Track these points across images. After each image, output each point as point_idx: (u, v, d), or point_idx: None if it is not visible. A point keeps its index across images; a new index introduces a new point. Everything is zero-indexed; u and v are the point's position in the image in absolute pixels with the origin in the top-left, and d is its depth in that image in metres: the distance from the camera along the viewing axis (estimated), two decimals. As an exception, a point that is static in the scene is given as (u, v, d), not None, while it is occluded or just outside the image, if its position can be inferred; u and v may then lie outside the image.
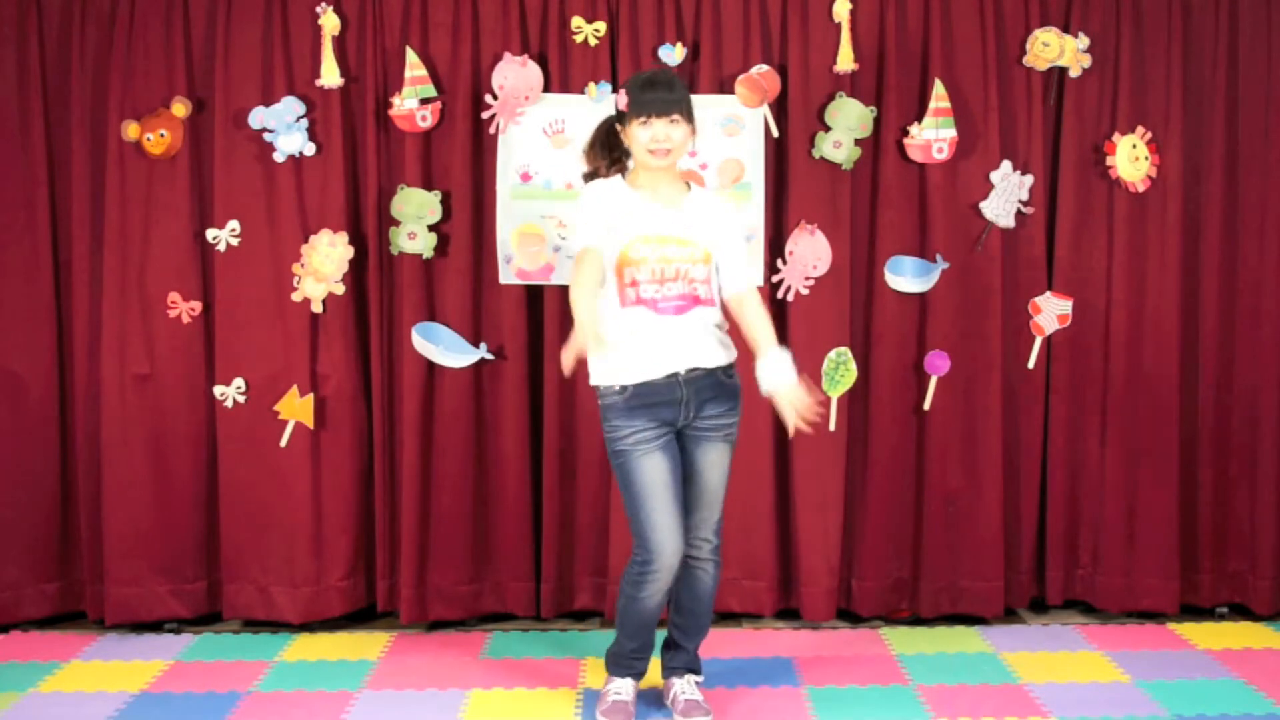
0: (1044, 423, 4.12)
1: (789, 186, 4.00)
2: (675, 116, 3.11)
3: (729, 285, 3.22)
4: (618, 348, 3.11)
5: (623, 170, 3.24)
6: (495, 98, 3.93)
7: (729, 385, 3.22)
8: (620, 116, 3.19)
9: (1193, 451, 4.14)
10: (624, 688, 3.33)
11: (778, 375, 3.12)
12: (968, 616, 4.12)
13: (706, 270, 3.16)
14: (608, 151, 3.26)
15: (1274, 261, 4.08)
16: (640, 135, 3.12)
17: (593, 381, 3.21)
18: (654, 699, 3.44)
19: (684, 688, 3.33)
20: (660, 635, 3.40)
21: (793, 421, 3.13)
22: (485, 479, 4.06)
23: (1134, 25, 4.02)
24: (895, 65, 3.98)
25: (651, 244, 3.12)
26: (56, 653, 3.85)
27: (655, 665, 3.45)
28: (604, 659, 3.41)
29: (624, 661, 3.34)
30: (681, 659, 3.37)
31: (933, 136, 3.94)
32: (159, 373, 3.99)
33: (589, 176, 3.29)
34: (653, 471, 3.12)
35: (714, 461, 3.23)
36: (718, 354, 3.19)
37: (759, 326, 3.20)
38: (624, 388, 3.14)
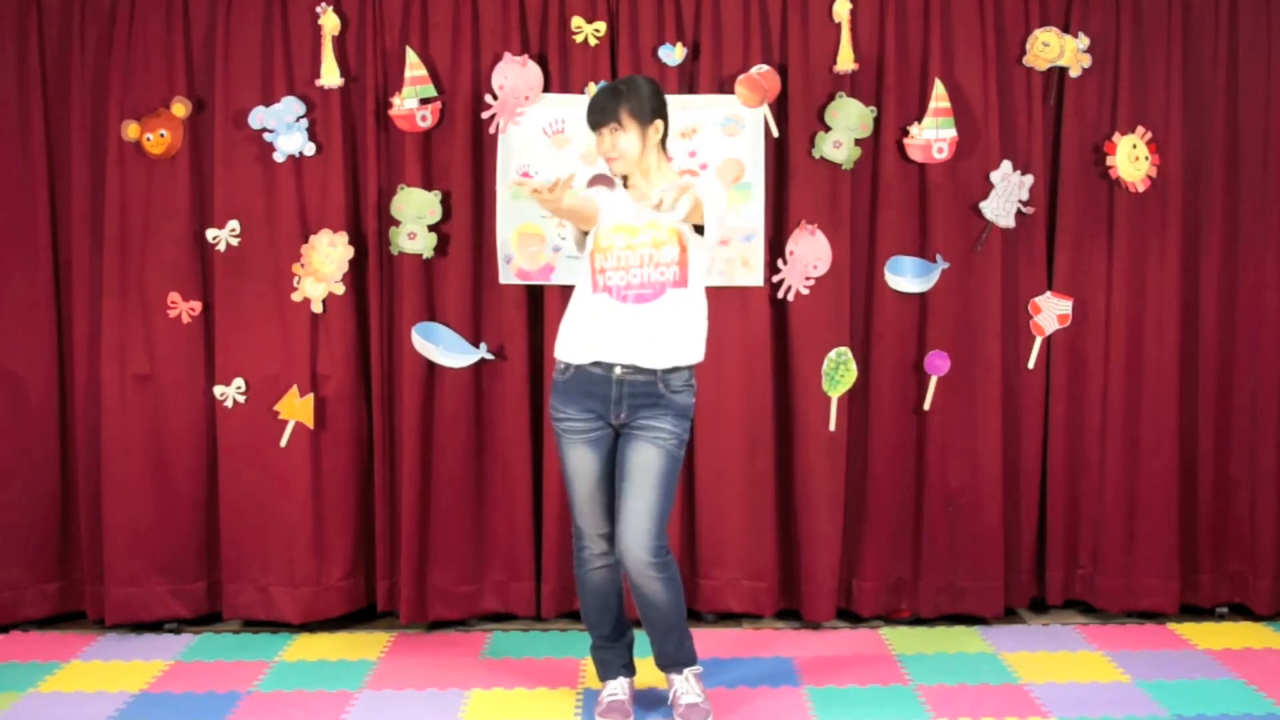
0: (1044, 423, 4.12)
1: (789, 186, 4.00)
2: (614, 125, 3.16)
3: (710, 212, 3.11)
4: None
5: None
6: (495, 98, 3.93)
7: (671, 399, 3.16)
8: None
9: (1193, 452, 4.14)
10: (619, 687, 3.34)
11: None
12: (968, 616, 4.12)
13: (676, 250, 3.15)
14: None
15: (1274, 261, 4.08)
16: (598, 145, 3.22)
17: (555, 352, 3.28)
18: (654, 698, 3.44)
19: (684, 687, 3.31)
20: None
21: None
22: (485, 479, 4.06)
23: (1134, 25, 4.02)
24: (895, 65, 3.98)
25: (621, 232, 3.16)
26: (56, 653, 3.85)
27: (653, 664, 3.46)
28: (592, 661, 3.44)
29: (597, 657, 3.37)
30: (668, 656, 3.34)
31: (933, 136, 3.94)
32: (159, 373, 3.99)
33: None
34: (576, 463, 3.23)
35: (637, 461, 3.13)
36: (667, 354, 3.14)
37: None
38: (566, 367, 3.22)
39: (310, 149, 3.93)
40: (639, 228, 3.16)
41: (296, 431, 3.98)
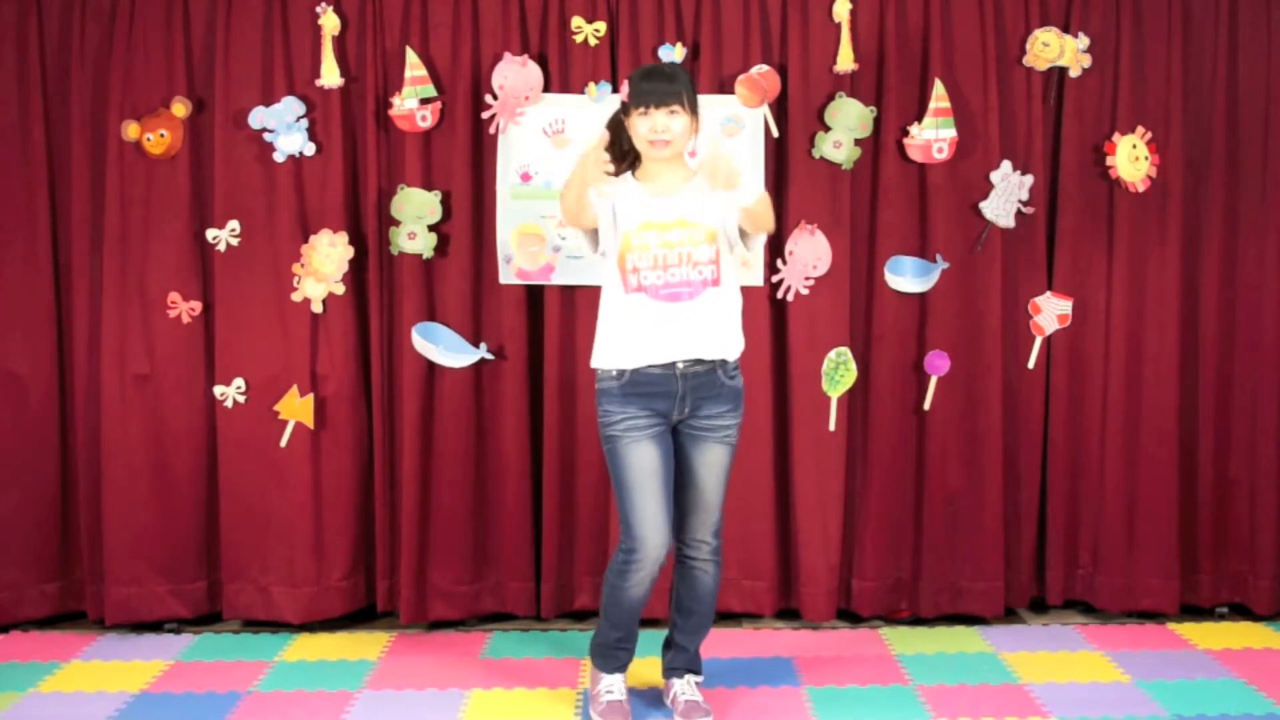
0: (1044, 423, 4.12)
1: (789, 186, 4.00)
2: (675, 107, 3.09)
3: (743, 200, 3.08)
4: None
5: (633, 168, 3.23)
6: (495, 98, 3.93)
7: (729, 386, 3.19)
8: (624, 108, 3.19)
9: (1193, 451, 4.14)
10: (615, 685, 3.32)
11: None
12: (968, 616, 4.12)
13: (713, 250, 3.12)
14: (619, 148, 3.21)
15: (1274, 261, 4.08)
16: (640, 126, 3.11)
17: (593, 364, 3.21)
18: (654, 698, 3.44)
19: (684, 688, 3.33)
20: (653, 634, 3.39)
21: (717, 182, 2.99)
22: (485, 479, 4.06)
23: (1134, 25, 4.02)
24: (895, 65, 3.98)
25: (654, 230, 3.10)
26: (56, 653, 3.85)
27: (654, 665, 3.46)
28: (589, 652, 3.39)
29: (609, 652, 3.32)
30: (682, 659, 3.37)
31: (933, 136, 3.94)
32: (159, 373, 3.99)
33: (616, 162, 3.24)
34: (643, 461, 3.11)
35: (710, 463, 3.21)
36: (720, 345, 3.15)
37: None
38: (621, 372, 3.13)
39: (310, 149, 3.93)
40: (669, 224, 3.11)
41: (296, 431, 3.98)
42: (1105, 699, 3.43)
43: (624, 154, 3.22)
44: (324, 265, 3.94)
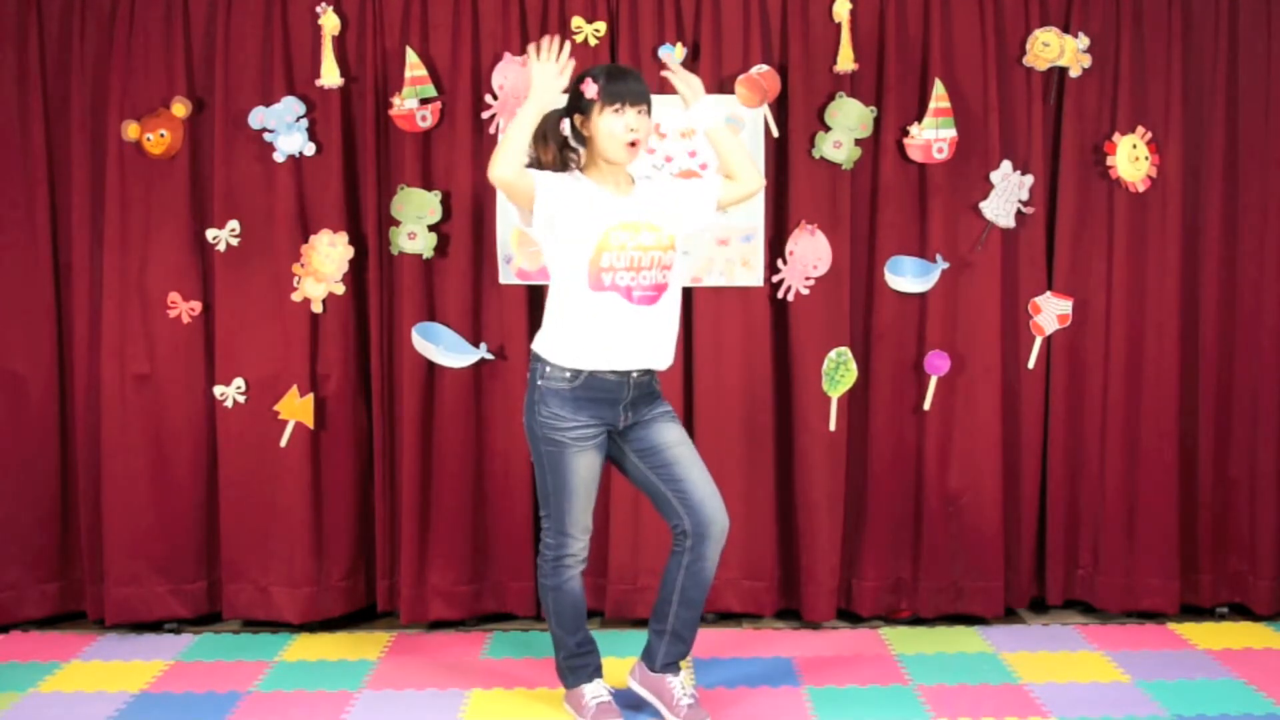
0: (1044, 423, 4.12)
1: (789, 186, 4.00)
2: (643, 107, 3.12)
3: (715, 190, 3.28)
4: (581, 335, 3.11)
5: (566, 165, 3.19)
6: (495, 98, 3.93)
7: (657, 391, 3.27)
8: (577, 107, 3.13)
9: (1193, 451, 4.14)
10: (598, 690, 3.30)
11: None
12: (968, 616, 4.12)
13: (674, 256, 3.18)
14: (554, 144, 3.17)
15: (1274, 261, 4.08)
16: (614, 124, 3.08)
17: (543, 353, 3.15)
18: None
19: (682, 690, 3.28)
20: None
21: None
22: (485, 479, 4.06)
23: (1134, 25, 4.02)
24: (895, 65, 3.98)
25: (627, 231, 3.10)
26: (56, 653, 3.85)
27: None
28: (559, 677, 3.35)
29: (576, 663, 3.30)
30: (679, 651, 3.31)
31: (933, 136, 3.94)
32: (159, 373, 3.99)
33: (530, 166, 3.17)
34: (588, 469, 3.16)
35: (671, 438, 3.22)
36: (665, 355, 3.20)
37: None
38: (576, 374, 3.12)
39: (310, 149, 3.93)
40: (639, 225, 3.11)
41: (296, 431, 3.98)
42: (1105, 699, 3.43)
43: (560, 151, 3.18)
44: (324, 265, 3.94)
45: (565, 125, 3.18)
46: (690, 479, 3.20)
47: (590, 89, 3.09)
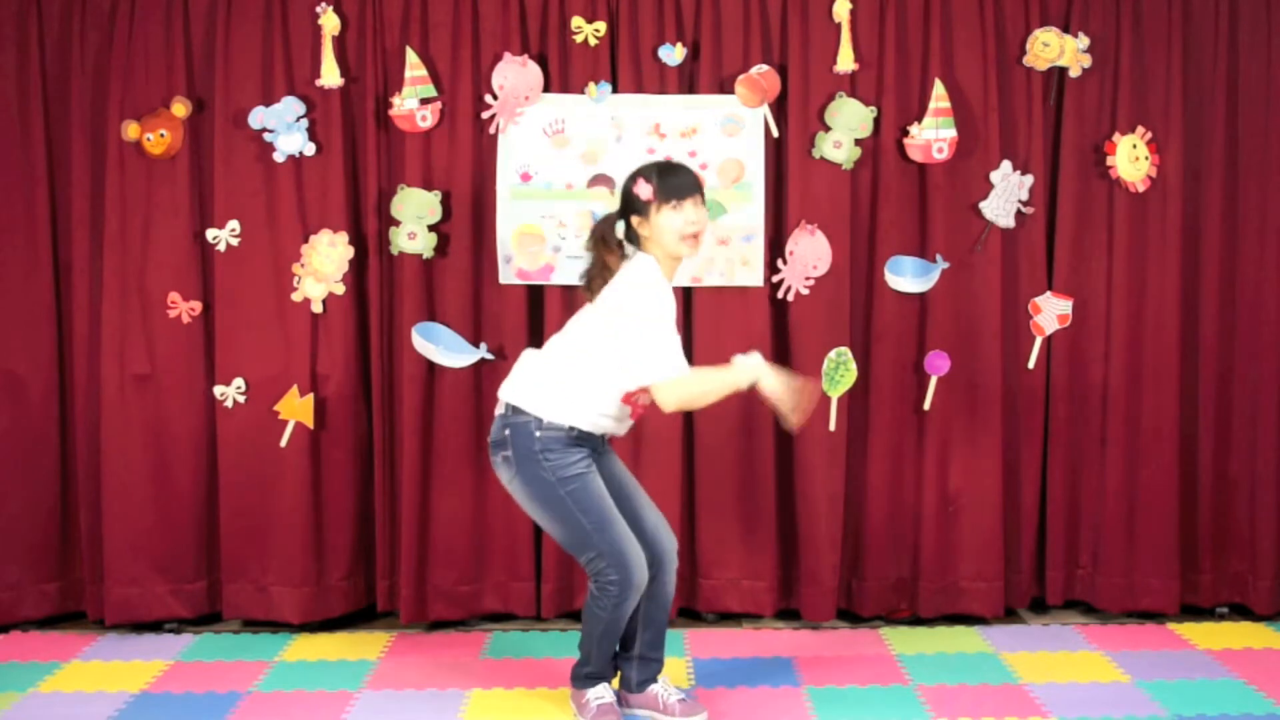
0: (1044, 422, 4.12)
1: (789, 186, 4.00)
2: (697, 198, 3.15)
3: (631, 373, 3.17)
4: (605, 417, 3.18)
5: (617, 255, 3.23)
6: (495, 98, 3.94)
7: None
8: (633, 208, 3.15)
9: (1193, 451, 4.14)
10: (603, 691, 3.31)
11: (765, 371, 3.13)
12: (968, 616, 4.12)
13: None
14: (615, 246, 3.22)
15: (1274, 261, 4.08)
16: (673, 220, 3.11)
17: (537, 412, 3.13)
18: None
19: (668, 690, 3.32)
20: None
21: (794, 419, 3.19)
22: (485, 479, 4.05)
23: (1134, 25, 4.02)
24: (895, 65, 3.98)
25: None
26: (56, 653, 3.85)
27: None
28: (573, 681, 3.35)
29: (598, 671, 3.31)
30: (653, 669, 3.34)
31: (933, 136, 3.94)
32: (159, 373, 3.99)
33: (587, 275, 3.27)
34: (603, 490, 3.17)
35: (623, 467, 3.35)
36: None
37: (709, 375, 3.18)
38: (572, 429, 3.14)
39: (310, 149, 3.93)
40: None
41: (296, 431, 3.98)
42: (1105, 699, 3.43)
43: (613, 252, 3.22)
44: (324, 265, 3.94)
45: (620, 227, 3.20)
46: (642, 509, 3.29)
47: (645, 190, 3.12)
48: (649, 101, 3.95)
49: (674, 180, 3.12)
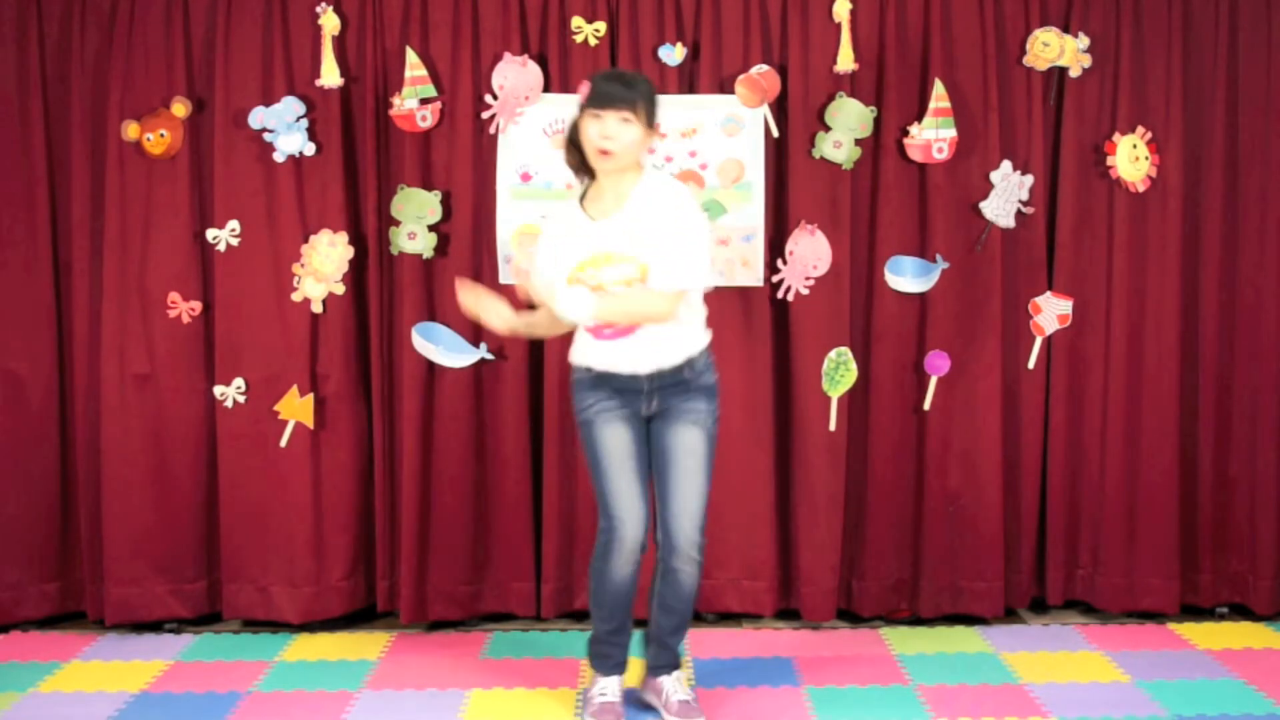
0: (1044, 423, 4.12)
1: (789, 186, 4.00)
2: (627, 114, 3.02)
3: (651, 282, 3.08)
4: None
5: (591, 172, 3.17)
6: (495, 98, 3.93)
7: (699, 383, 3.18)
8: (581, 109, 3.12)
9: (1193, 451, 4.14)
10: (609, 687, 3.31)
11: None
12: (968, 616, 4.12)
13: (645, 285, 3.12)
14: (577, 149, 3.16)
15: (1274, 261, 4.08)
16: (590, 129, 3.05)
17: (570, 357, 3.27)
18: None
19: (674, 687, 3.31)
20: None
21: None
22: (485, 479, 4.06)
23: (1134, 25, 4.02)
24: (895, 65, 3.98)
25: (588, 268, 3.11)
26: (56, 653, 3.85)
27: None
28: (587, 653, 3.39)
29: (603, 649, 3.31)
30: (666, 657, 3.34)
31: (933, 136, 3.94)
32: (159, 373, 3.99)
33: (575, 170, 3.22)
34: (615, 440, 3.14)
35: (683, 445, 3.15)
36: (677, 351, 3.15)
37: (629, 296, 3.08)
38: (589, 369, 3.20)
39: (310, 149, 3.93)
40: (602, 258, 3.09)
41: (296, 431, 3.98)
42: (1105, 699, 3.43)
43: (583, 163, 3.16)
44: (324, 265, 3.94)
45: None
46: (675, 493, 3.16)
47: (581, 92, 3.11)
48: (649, 101, 3.95)
49: (601, 88, 3.04)
